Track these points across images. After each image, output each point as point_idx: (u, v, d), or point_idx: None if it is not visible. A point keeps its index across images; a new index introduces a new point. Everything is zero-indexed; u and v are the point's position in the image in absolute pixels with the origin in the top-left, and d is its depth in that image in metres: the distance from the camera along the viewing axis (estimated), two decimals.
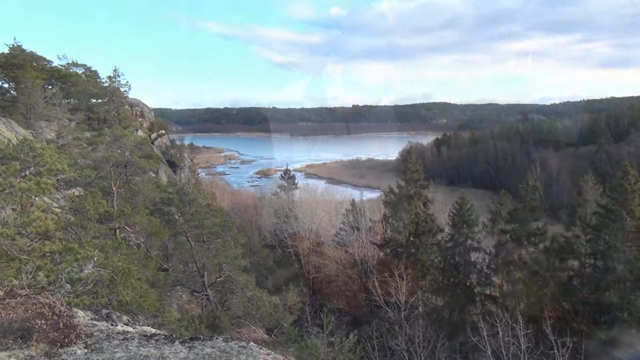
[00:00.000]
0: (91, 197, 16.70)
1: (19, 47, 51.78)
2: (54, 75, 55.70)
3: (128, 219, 22.15)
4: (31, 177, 10.11)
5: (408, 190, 41.16)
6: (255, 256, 46.07)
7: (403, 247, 40.78)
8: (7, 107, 44.63)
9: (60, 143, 42.03)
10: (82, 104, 57.92)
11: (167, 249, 31.45)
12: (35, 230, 8.38)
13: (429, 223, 41.00)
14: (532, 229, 37.15)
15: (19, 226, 8.18)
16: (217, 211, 32.20)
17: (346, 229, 48.13)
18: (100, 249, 15.19)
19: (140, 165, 31.59)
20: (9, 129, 30.85)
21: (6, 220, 8.02)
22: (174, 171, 65.25)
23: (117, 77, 61.46)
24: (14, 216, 8.32)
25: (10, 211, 8.65)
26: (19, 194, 9.07)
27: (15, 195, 9.10)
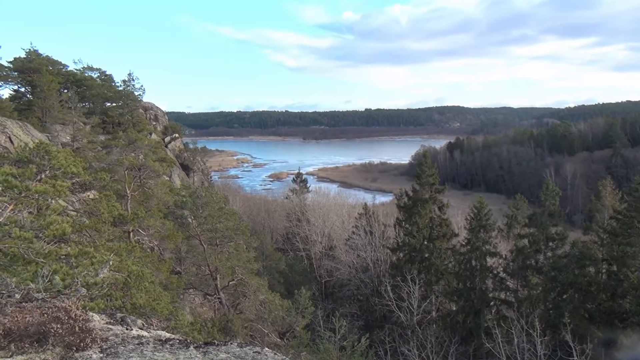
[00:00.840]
0: (106, 200, 16.79)
1: (35, 52, 52.42)
2: (70, 79, 56.29)
3: (142, 222, 22.27)
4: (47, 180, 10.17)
5: (423, 194, 40.91)
6: (268, 260, 46.08)
7: (417, 251, 40.55)
8: (24, 111, 45.13)
9: (75, 146, 42.39)
10: (97, 107, 58.46)
11: (180, 252, 31.57)
12: (52, 233, 8.41)
13: (444, 228, 40.69)
14: (551, 234, 36.71)
15: (36, 229, 8.22)
16: (230, 215, 32.23)
17: (359, 233, 47.92)
18: (115, 252, 15.27)
19: (154, 168, 31.74)
20: (25, 133, 31.12)
21: (23, 224, 8.06)
22: (187, 174, 65.53)
23: (131, 81, 61.94)
24: (31, 219, 8.37)
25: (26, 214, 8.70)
26: (36, 197, 9.12)
27: (31, 199, 9.16)
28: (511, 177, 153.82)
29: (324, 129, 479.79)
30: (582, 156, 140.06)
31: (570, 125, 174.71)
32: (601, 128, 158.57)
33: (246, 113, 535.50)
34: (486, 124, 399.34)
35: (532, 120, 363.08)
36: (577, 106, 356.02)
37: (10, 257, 7.71)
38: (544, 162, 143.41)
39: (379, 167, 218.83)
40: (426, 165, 41.47)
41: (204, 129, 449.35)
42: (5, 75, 48.67)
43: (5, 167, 9.01)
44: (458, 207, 66.59)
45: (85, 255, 8.01)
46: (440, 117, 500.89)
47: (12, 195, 8.58)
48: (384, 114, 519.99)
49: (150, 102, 74.61)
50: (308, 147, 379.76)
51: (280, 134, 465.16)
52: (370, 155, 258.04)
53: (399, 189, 52.60)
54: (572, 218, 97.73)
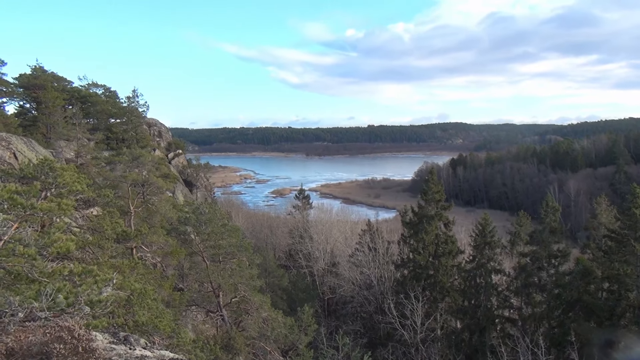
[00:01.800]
0: (109, 217, 16.76)
1: (40, 68, 52.77)
2: (74, 95, 56.58)
3: (145, 238, 22.19)
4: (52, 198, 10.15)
5: (429, 211, 40.80)
6: (270, 276, 45.83)
7: (422, 268, 40.32)
8: (28, 127, 45.30)
9: (79, 162, 42.48)
10: (101, 123, 58.66)
11: (183, 268, 31.42)
12: (56, 251, 8.36)
13: (450, 244, 40.49)
14: (553, 251, 36.50)
15: (40, 247, 8.17)
16: (233, 231, 32.12)
17: (362, 250, 47.71)
18: (118, 269, 15.19)
19: (158, 184, 31.76)
20: (29, 149, 31.18)
21: (27, 241, 8.02)
22: (191, 190, 65.51)
23: (135, 97, 62.24)
24: (35, 237, 8.33)
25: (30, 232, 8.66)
26: (40, 214, 9.09)
27: (36, 216, 9.12)
28: (514, 193, 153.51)
29: (327, 145, 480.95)
30: (586, 173, 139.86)
31: (573, 142, 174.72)
32: (604, 145, 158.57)
33: (249, 129, 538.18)
34: (489, 141, 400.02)
35: (535, 137, 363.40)
36: (579, 123, 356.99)
37: (13, 275, 7.65)
38: (547, 178, 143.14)
39: (381, 183, 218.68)
40: (432, 182, 41.41)
41: (208, 145, 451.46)
42: (10, 91, 48.91)
43: (11, 185, 8.99)
44: (461, 224, 66.30)
45: (88, 273, 7.94)
46: (443, 133, 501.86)
47: (17, 213, 8.56)
48: (386, 130, 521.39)
49: (154, 118, 74.92)
50: (311, 163, 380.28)
51: (284, 150, 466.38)
52: (373, 171, 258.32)
53: (403, 205, 52.50)
54: (575, 235, 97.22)
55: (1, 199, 8.25)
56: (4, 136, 29.72)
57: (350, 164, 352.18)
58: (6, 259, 7.64)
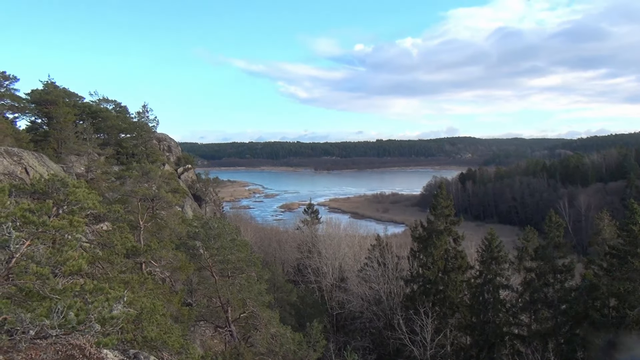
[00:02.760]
0: (119, 232, 16.83)
1: (52, 84, 53.46)
2: (85, 110, 57.21)
3: (154, 253, 22.22)
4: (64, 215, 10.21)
5: (438, 226, 40.61)
6: (279, 291, 45.66)
7: (432, 283, 40.06)
8: (40, 142, 45.80)
9: (89, 177, 42.80)
10: (112, 138, 59.18)
11: (192, 283, 31.43)
12: (68, 269, 8.39)
13: (459, 260, 40.23)
14: (558, 266, 36.18)
15: (52, 265, 8.21)
16: (242, 246, 32.11)
17: (372, 264, 47.45)
18: (127, 285, 15.21)
19: (168, 199, 31.87)
20: (40, 164, 31.49)
21: (39, 259, 8.07)
22: (200, 205, 65.74)
23: (145, 112, 62.86)
24: (47, 255, 8.37)
25: (42, 249, 8.71)
26: (52, 232, 9.15)
27: (48, 234, 9.18)
28: (524, 208, 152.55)
29: (335, 160, 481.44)
30: (596, 187, 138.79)
31: (583, 157, 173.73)
32: (614, 159, 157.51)
33: (258, 144, 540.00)
34: (498, 155, 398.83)
35: (544, 151, 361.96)
36: (589, 137, 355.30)
37: (25, 292, 7.68)
38: (557, 193, 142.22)
39: (390, 198, 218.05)
40: (441, 197, 41.25)
41: (217, 159, 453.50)
42: (23, 107, 49.51)
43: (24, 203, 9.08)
44: (471, 239, 65.84)
45: (100, 290, 7.96)
46: (452, 147, 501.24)
47: (29, 230, 8.62)
48: (395, 144, 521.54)
49: (163, 133, 75.59)
50: (319, 177, 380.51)
51: (292, 165, 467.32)
52: (381, 186, 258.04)
53: (412, 220, 52.37)
54: (587, 250, 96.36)
55: (14, 216, 8.33)
56: (16, 151, 30.04)
57: (359, 178, 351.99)
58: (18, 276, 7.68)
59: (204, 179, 78.35)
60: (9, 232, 7.68)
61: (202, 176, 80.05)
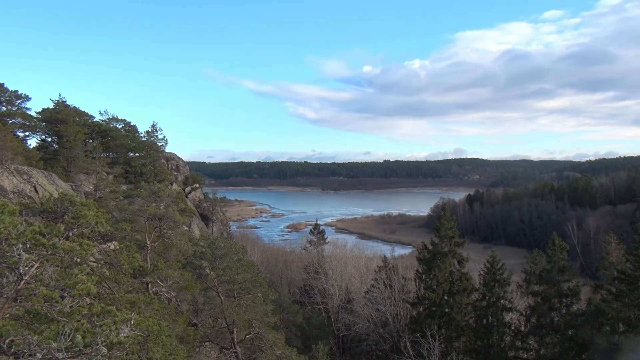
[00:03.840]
0: (126, 252, 16.86)
1: (63, 103, 54.14)
2: (95, 129, 57.78)
3: (161, 273, 22.22)
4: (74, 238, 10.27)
5: (442, 248, 40.43)
6: (285, 312, 45.47)
7: (437, 305, 39.73)
8: (49, 160, 46.20)
9: (98, 195, 43.03)
10: (121, 157, 59.62)
11: (197, 303, 31.33)
12: (77, 293, 8.41)
13: (464, 282, 39.95)
14: (563, 290, 35.80)
15: (61, 288, 8.24)
16: (248, 266, 32.05)
17: (378, 286, 47.16)
18: (133, 305, 15.20)
19: (175, 218, 31.92)
20: (50, 182, 31.71)
21: (48, 282, 8.10)
22: (207, 224, 65.80)
23: (155, 132, 63.30)
24: (56, 278, 8.40)
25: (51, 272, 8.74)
26: (62, 254, 9.19)
27: (58, 257, 9.22)
28: (532, 230, 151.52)
29: (342, 180, 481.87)
30: (605, 210, 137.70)
31: (591, 179, 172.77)
32: (623, 182, 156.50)
33: (265, 164, 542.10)
34: (505, 177, 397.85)
35: (552, 173, 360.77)
36: (597, 159, 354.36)
37: (33, 314, 7.70)
38: (565, 215, 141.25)
39: (397, 218, 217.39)
40: (445, 218, 41.11)
41: (224, 178, 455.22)
42: (33, 125, 50.09)
43: (35, 225, 9.14)
44: (479, 261, 65.37)
45: (107, 313, 7.97)
46: (459, 169, 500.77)
47: (39, 252, 8.67)
48: (402, 165, 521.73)
49: (172, 152, 76.07)
50: (326, 198, 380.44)
51: (299, 185, 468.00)
52: (388, 206, 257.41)
53: (419, 241, 52.15)
54: (596, 273, 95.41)
55: (25, 238, 8.38)
56: (26, 170, 30.28)
57: (366, 199, 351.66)
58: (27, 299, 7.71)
59: (212, 198, 78.57)
60: (19, 254, 7.74)
61: (210, 195, 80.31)
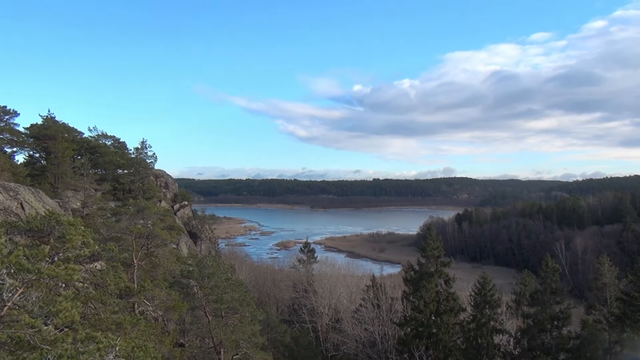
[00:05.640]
0: (113, 272, 16.74)
1: (51, 119, 53.79)
2: (84, 146, 57.42)
3: (147, 293, 22.04)
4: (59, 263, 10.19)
5: (428, 268, 40.41)
6: (273, 332, 45.12)
7: (424, 326, 39.60)
8: (37, 176, 45.79)
9: (85, 212, 42.71)
10: (109, 174, 59.29)
11: (185, 323, 31.03)
12: (61, 321, 8.33)
13: (451, 302, 39.88)
14: (555, 313, 35.85)
15: (45, 316, 8.15)
16: (236, 285, 31.89)
17: (366, 306, 47.02)
18: (119, 325, 15.06)
19: (162, 237, 31.75)
20: (37, 199, 31.43)
21: (32, 309, 8.02)
22: (195, 242, 65.41)
23: (144, 148, 63.07)
24: (40, 304, 8.31)
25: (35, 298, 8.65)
26: (47, 280, 9.11)
27: (42, 281, 9.14)
28: (521, 250, 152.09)
29: (332, 198, 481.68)
30: (592, 230, 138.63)
31: (579, 199, 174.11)
32: (610, 202, 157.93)
33: (255, 181, 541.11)
34: (494, 196, 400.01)
35: (540, 192, 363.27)
36: (585, 180, 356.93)
37: (16, 342, 7.61)
38: (553, 235, 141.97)
39: (386, 237, 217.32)
40: (431, 238, 41.08)
41: (213, 195, 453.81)
42: (21, 141, 49.70)
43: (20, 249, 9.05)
44: (468, 281, 65.50)
45: (92, 339, 7.89)
46: (448, 188, 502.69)
47: (23, 277, 8.59)
48: (392, 184, 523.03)
49: (161, 169, 75.84)
50: (316, 216, 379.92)
51: (289, 202, 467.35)
52: (378, 225, 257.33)
53: (406, 260, 52.10)
54: (584, 294, 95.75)
55: (9, 263, 8.30)
56: (12, 186, 30.00)
57: (356, 217, 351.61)
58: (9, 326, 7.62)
59: (200, 215, 78.23)
60: (2, 279, 7.66)
61: (199, 213, 79.97)
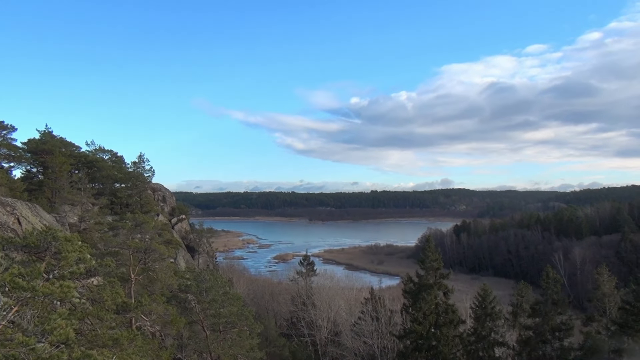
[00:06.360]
0: (110, 287, 16.65)
1: (49, 133, 53.80)
2: (81, 160, 57.38)
3: (144, 308, 21.91)
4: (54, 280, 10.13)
5: (427, 280, 40.26)
6: (271, 345, 44.86)
7: (423, 338, 39.37)
8: (34, 191, 45.68)
9: (82, 227, 42.59)
10: (106, 188, 59.19)
11: (182, 337, 30.85)
12: (55, 339, 8.26)
13: (450, 314, 39.69)
14: (556, 324, 35.70)
15: (39, 334, 8.09)
16: (234, 299, 31.77)
17: (365, 319, 46.80)
18: (115, 341, 14.94)
19: (160, 251, 31.63)
20: (33, 214, 31.38)
21: (26, 327, 7.96)
22: (193, 256, 65.21)
23: (142, 162, 63.11)
24: (35, 323, 8.25)
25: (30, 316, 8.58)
26: (42, 298, 9.05)
27: (37, 300, 9.08)
28: (519, 261, 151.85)
29: (330, 211, 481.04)
30: (591, 240, 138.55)
31: (577, 210, 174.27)
32: (608, 212, 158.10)
33: (253, 194, 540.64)
34: (492, 207, 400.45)
35: (538, 203, 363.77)
36: (582, 190, 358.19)
37: None
38: (552, 246, 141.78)
39: (385, 249, 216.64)
40: (430, 250, 40.97)
41: (211, 209, 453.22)
42: (19, 156, 49.63)
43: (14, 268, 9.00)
44: (466, 292, 65.39)
45: (87, 357, 7.83)
46: (446, 199, 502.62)
47: (18, 295, 8.54)
48: (390, 196, 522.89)
49: (158, 183, 75.81)
50: (314, 228, 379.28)
51: (287, 215, 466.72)
52: (376, 237, 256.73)
53: (405, 272, 51.95)
54: (583, 304, 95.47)
55: (3, 281, 8.24)
56: (9, 201, 29.95)
57: (354, 229, 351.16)
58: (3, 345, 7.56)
59: (198, 229, 78.04)
60: None
61: (196, 226, 79.78)
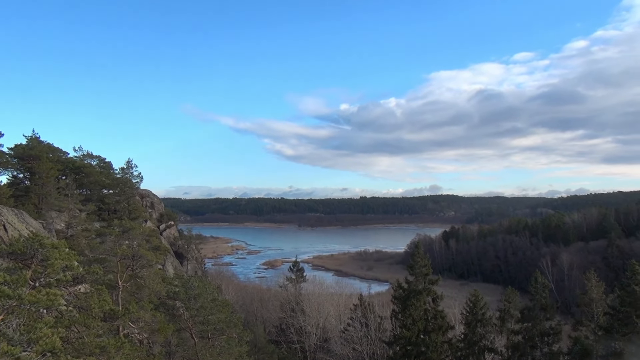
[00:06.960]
0: (97, 295, 16.51)
1: (36, 139, 53.22)
2: (69, 166, 56.86)
3: (132, 315, 21.74)
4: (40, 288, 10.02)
5: (417, 286, 40.32)
6: (260, 352, 44.66)
7: (413, 344, 39.37)
8: (20, 197, 45.21)
9: (70, 234, 42.19)
10: (94, 194, 58.73)
11: (171, 345, 30.61)
12: (41, 347, 8.18)
13: (439, 320, 39.75)
14: (545, 329, 35.89)
15: (25, 343, 8.00)
16: (222, 306, 31.63)
17: (354, 325, 46.75)
18: (103, 349, 14.80)
19: (148, 258, 31.40)
20: (20, 220, 31.09)
21: (12, 337, 7.86)
22: (181, 262, 64.86)
23: (130, 168, 62.73)
24: (20, 332, 8.15)
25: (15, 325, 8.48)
26: (28, 306, 8.94)
27: (23, 308, 8.98)
28: (507, 266, 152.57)
29: (319, 217, 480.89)
30: (578, 246, 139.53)
31: (564, 216, 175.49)
32: (595, 218, 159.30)
33: (242, 200, 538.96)
34: (480, 213, 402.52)
35: (526, 209, 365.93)
36: (569, 196, 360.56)
37: None
38: (539, 252, 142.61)
39: (374, 255, 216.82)
40: (419, 256, 41.03)
41: (200, 215, 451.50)
42: (5, 161, 49.09)
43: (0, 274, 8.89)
44: (455, 298, 65.41)
45: None
46: (435, 205, 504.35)
47: (3, 303, 8.43)
48: (379, 202, 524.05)
49: (147, 189, 75.44)
50: (303, 234, 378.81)
51: (276, 221, 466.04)
52: (365, 243, 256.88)
53: (394, 278, 51.99)
54: (570, 309, 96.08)
55: None
56: None
57: (343, 235, 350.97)
58: None
59: (187, 235, 77.69)
60: None
61: (185, 232, 79.43)
